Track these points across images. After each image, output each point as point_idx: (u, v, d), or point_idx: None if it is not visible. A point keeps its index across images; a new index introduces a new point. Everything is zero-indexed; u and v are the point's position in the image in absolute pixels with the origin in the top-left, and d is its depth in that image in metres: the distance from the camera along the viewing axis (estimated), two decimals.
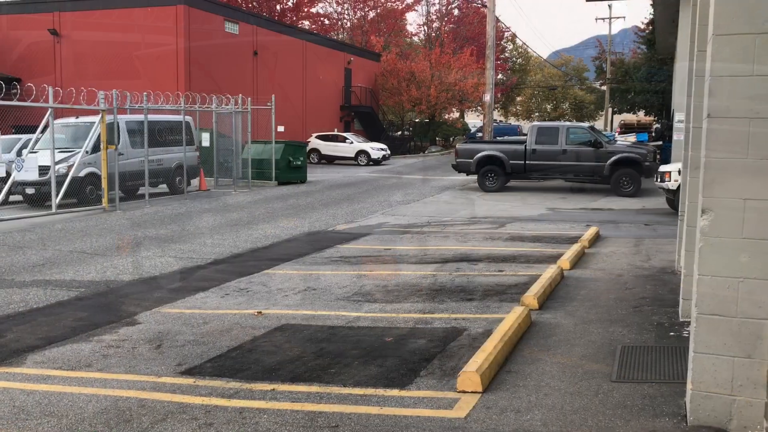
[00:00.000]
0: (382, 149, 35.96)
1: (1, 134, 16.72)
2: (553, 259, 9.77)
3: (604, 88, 61.38)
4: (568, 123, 23.07)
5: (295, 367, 5.56)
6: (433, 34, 60.80)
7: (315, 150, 35.41)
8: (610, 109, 59.06)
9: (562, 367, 5.45)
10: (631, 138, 34.61)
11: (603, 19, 60.70)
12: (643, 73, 42.57)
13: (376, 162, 34.87)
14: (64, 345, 6.31)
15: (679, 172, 14.81)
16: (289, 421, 4.51)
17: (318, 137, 36.21)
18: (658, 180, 15.87)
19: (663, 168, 16.00)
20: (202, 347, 6.14)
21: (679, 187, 14.88)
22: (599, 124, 57.99)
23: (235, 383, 5.22)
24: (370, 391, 5.02)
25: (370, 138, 40.56)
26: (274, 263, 10.19)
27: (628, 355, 5.68)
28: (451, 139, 50.11)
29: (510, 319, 6.28)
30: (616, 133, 40.01)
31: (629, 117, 53.11)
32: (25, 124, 21.35)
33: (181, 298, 8.11)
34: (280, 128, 26.85)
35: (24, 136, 18.68)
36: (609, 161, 19.65)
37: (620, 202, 18.15)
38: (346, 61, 43.52)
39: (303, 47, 38.46)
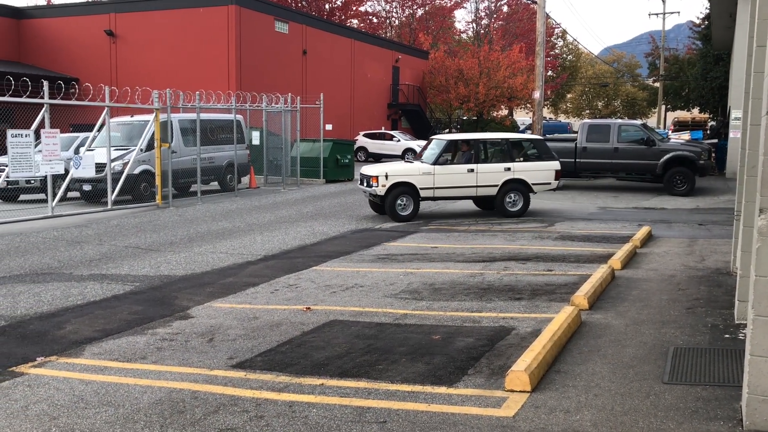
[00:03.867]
0: None
1: (60, 132, 17.28)
2: (604, 258, 9.63)
3: (657, 84, 60.05)
4: (619, 120, 22.63)
5: (343, 363, 5.62)
6: (482, 31, 60.38)
7: (362, 148, 35.55)
8: (663, 107, 57.74)
9: (612, 367, 5.38)
10: (685, 136, 33.79)
11: (657, 14, 59.44)
12: (698, 70, 41.46)
13: None
14: (120, 337, 6.50)
15: (387, 176, 13.74)
16: (337, 415, 4.56)
17: (365, 135, 36.35)
18: (364, 184, 14.51)
19: (368, 171, 14.48)
20: (252, 341, 6.25)
21: (388, 192, 13.79)
22: (652, 122, 56.78)
23: (285, 377, 5.30)
24: (417, 388, 5.04)
25: (418, 136, 40.54)
26: (322, 260, 10.30)
27: (680, 357, 5.57)
28: None
29: (559, 318, 6.22)
30: (670, 131, 39.11)
31: (683, 114, 51.87)
32: (82, 122, 22.03)
33: (232, 293, 8.27)
34: (328, 126, 27.02)
35: (81, 135, 19.24)
36: (662, 159, 19.22)
37: (673, 202, 17.74)
38: (393, 59, 43.58)
39: (351, 46, 38.68)
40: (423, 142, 36.33)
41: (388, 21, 61.05)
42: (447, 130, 48.08)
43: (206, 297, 8.07)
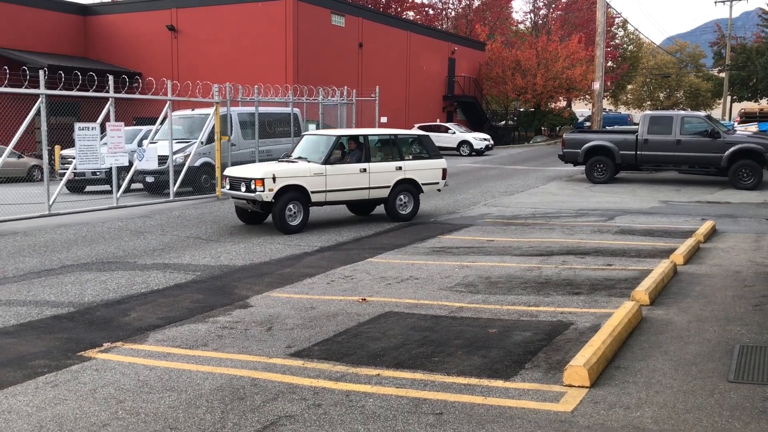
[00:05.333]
0: (485, 139, 35.61)
1: (124, 126, 17.80)
2: (666, 253, 9.39)
3: (722, 75, 58.01)
4: (682, 112, 21.96)
5: (399, 354, 5.64)
6: (540, 22, 59.44)
7: None
8: (729, 98, 55.77)
9: (674, 364, 5.25)
10: (753, 128, 32.56)
11: (723, 1, 57.26)
12: (767, 59, 39.89)
13: (479, 152, 34.57)
14: (183, 325, 6.67)
15: (274, 178, 11.44)
16: (394, 406, 4.59)
17: (420, 128, 36.25)
18: (241, 188, 11.96)
19: (244, 172, 12.11)
20: (309, 331, 6.34)
21: (276, 197, 11.54)
22: (716, 113, 54.92)
23: (342, 367, 5.36)
24: (474, 380, 5.02)
25: (473, 128, 40.26)
26: (377, 252, 10.34)
27: (747, 356, 5.40)
28: (558, 128, 48.90)
29: (620, 314, 6.10)
30: (736, 123, 37.77)
31: (751, 105, 49.98)
32: (145, 116, 22.63)
33: (290, 283, 8.39)
34: (383, 119, 27.10)
35: (144, 128, 19.78)
36: (727, 152, 18.60)
37: (739, 195, 17.15)
38: (450, 51, 43.32)
39: (407, 38, 38.60)
40: (478, 134, 36.27)
41: (444, 12, 60.68)
42: (503, 122, 47.60)
43: (265, 287, 8.21)
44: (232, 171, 12.62)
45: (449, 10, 60.79)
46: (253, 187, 11.66)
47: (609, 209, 14.88)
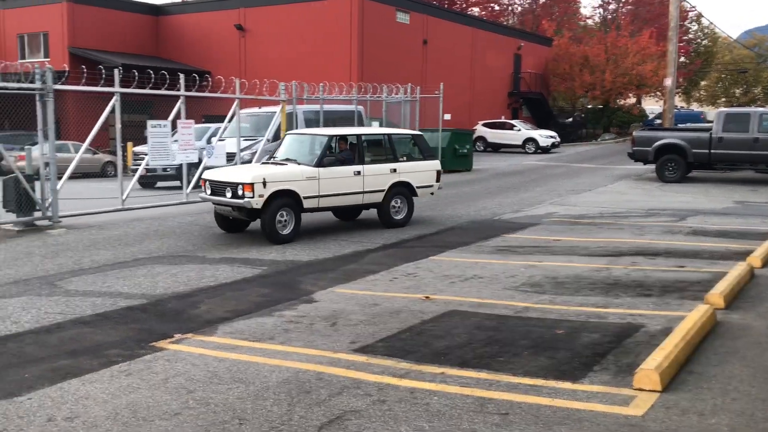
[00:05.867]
0: (551, 137, 35.03)
1: (194, 123, 18.25)
2: (741, 255, 9.03)
3: None
4: (761, 109, 21.08)
5: (463, 353, 5.60)
6: (609, 17, 58.03)
7: (481, 138, 35.21)
8: None
9: (752, 371, 5.04)
10: None
11: None
12: None
13: (545, 150, 34.04)
14: (250, 318, 6.80)
15: (265, 183, 10.29)
16: (458, 404, 4.56)
17: (484, 125, 35.96)
18: (226, 194, 10.75)
19: (229, 176, 10.91)
20: (373, 327, 6.36)
21: (267, 204, 10.39)
22: None
23: (406, 364, 5.36)
24: (540, 381, 4.94)
25: (539, 125, 39.64)
26: (440, 250, 10.30)
27: None
28: (627, 126, 47.67)
29: (693, 317, 5.90)
30: None
31: None
32: (213, 113, 23.15)
33: (353, 279, 8.44)
34: (447, 116, 26.93)
35: (213, 125, 20.24)
36: None
37: None
38: (515, 47, 42.77)
39: (472, 34, 38.31)
40: (544, 131, 35.68)
41: (510, 8, 59.95)
42: (569, 119, 46.70)
43: (329, 282, 8.28)
44: (213, 174, 11.39)
45: (515, 6, 60.04)
46: (240, 192, 10.50)
47: (680, 209, 14.41)
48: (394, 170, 12.15)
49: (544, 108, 44.15)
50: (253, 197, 10.41)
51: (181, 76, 14.82)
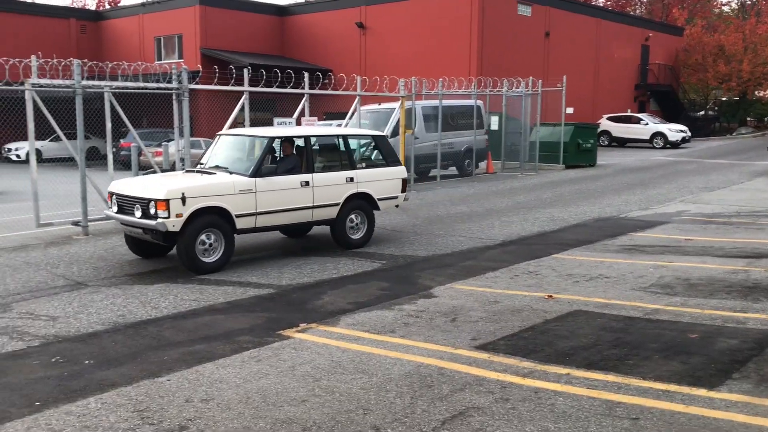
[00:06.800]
0: (681, 131, 33.24)
1: (317, 120, 18.76)
2: None
3: None
4: None
5: (589, 354, 5.43)
6: (748, 2, 54.24)
7: (605, 132, 33.98)
8: None
9: None
10: None
11: None
12: None
13: (674, 145, 32.37)
14: (371, 310, 6.91)
15: (184, 198, 8.08)
16: (585, 406, 4.43)
17: (609, 118, 34.66)
18: (135, 213, 8.51)
19: (148, 190, 8.47)
20: (494, 325, 6.29)
21: (183, 228, 8.17)
22: None
23: (529, 363, 5.27)
24: (672, 387, 4.71)
25: (668, 119, 37.71)
26: (562, 248, 10.04)
27: None
28: (766, 119, 44.43)
29: None
30: None
31: None
32: (334, 110, 23.70)
33: (473, 276, 8.38)
34: (569, 110, 26.17)
35: (334, 122, 20.72)
36: None
37: None
38: (643, 38, 40.89)
39: (596, 25, 37.00)
40: (674, 125, 33.89)
41: None
42: (702, 113, 44.15)
43: (447, 278, 8.27)
44: (121, 186, 8.99)
45: None
46: (152, 211, 8.24)
47: None
48: (351, 179, 10.01)
49: (674, 101, 41.94)
50: (168, 217, 8.15)
51: (305, 74, 15.27)
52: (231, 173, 9.11)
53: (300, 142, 9.89)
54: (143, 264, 9.19)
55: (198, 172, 9.41)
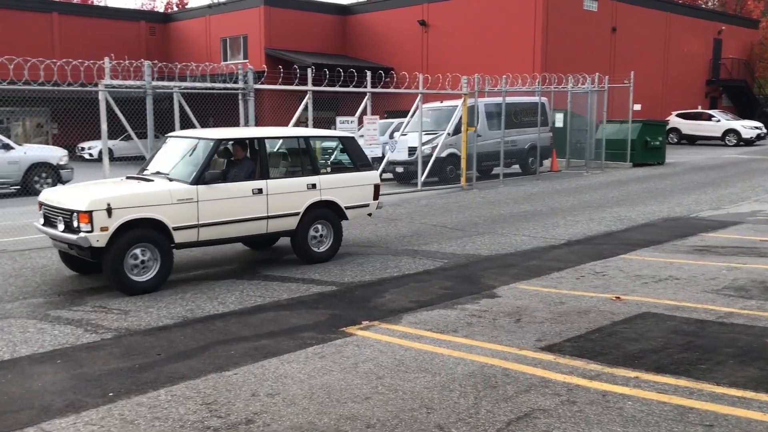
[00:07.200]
0: (756, 128, 31.96)
1: (378, 119, 18.82)
2: None
3: None
4: None
5: (659, 358, 5.27)
6: None
7: (674, 129, 32.99)
8: None
9: None
10: None
11: None
12: None
13: (748, 142, 31.15)
14: (433, 309, 6.88)
15: (110, 209, 7.18)
16: (655, 411, 4.30)
17: (678, 115, 33.61)
18: (58, 225, 7.70)
19: (72, 200, 7.61)
20: (560, 326, 6.18)
21: (110, 243, 7.24)
22: None
23: (596, 366, 5.15)
24: (749, 394, 4.52)
25: (741, 115, 36.31)
26: (630, 248, 9.78)
27: None
28: None
29: None
30: None
31: None
32: (395, 109, 23.72)
33: (537, 276, 8.26)
34: (637, 106, 25.50)
35: (395, 120, 20.75)
36: None
37: None
38: (715, 31, 39.48)
39: (665, 19, 35.93)
40: (748, 122, 32.61)
41: None
42: None
43: (511, 278, 8.17)
44: (50, 195, 8.15)
45: None
46: (75, 224, 7.38)
47: None
48: (314, 185, 9.04)
49: (748, 96, 40.34)
50: (91, 231, 7.27)
51: (368, 73, 15.33)
52: (171, 180, 8.16)
53: (255, 145, 8.89)
54: (210, 260, 9.41)
55: (137, 178, 8.53)
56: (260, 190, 8.53)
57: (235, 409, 4.50)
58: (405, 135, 17.44)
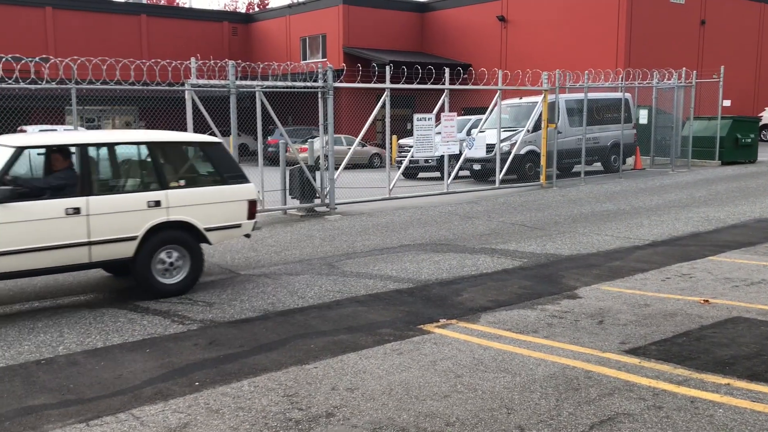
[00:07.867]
0: None
1: (456, 116, 18.72)
2: None
3: None
4: None
5: (752, 365, 5.03)
6: None
7: (767, 126, 31.41)
8: None
9: None
10: None
11: None
12: None
13: None
14: (512, 309, 6.79)
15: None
16: (749, 420, 4.10)
17: None
18: None
19: None
20: (644, 329, 5.99)
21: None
22: None
23: (683, 371, 4.96)
24: None
25: None
26: (719, 250, 9.38)
27: None
28: None
29: None
30: None
31: None
32: (472, 105, 23.53)
33: (620, 277, 8.03)
34: (726, 102, 24.40)
35: (473, 117, 20.59)
36: None
37: None
38: None
39: (760, 11, 34.25)
40: None
41: None
42: None
43: (593, 279, 7.97)
44: None
45: None
46: None
47: None
48: (157, 202, 7.27)
49: None
50: None
51: (446, 70, 15.26)
52: None
53: (75, 153, 7.15)
54: (288, 254, 9.59)
55: None
56: (77, 210, 6.83)
57: (316, 402, 4.57)
58: (483, 132, 17.28)
